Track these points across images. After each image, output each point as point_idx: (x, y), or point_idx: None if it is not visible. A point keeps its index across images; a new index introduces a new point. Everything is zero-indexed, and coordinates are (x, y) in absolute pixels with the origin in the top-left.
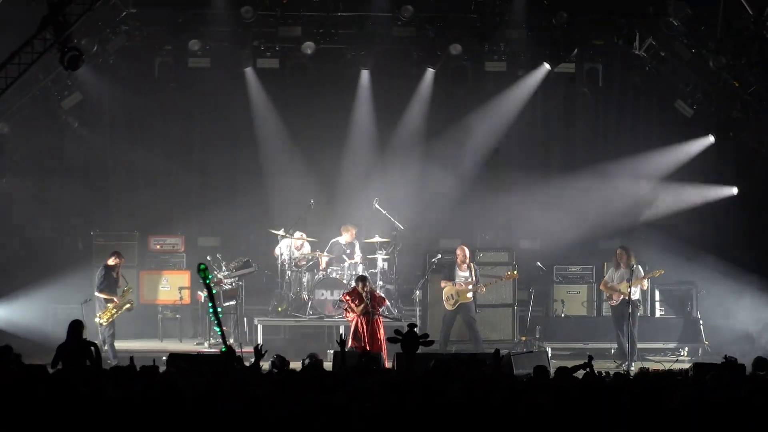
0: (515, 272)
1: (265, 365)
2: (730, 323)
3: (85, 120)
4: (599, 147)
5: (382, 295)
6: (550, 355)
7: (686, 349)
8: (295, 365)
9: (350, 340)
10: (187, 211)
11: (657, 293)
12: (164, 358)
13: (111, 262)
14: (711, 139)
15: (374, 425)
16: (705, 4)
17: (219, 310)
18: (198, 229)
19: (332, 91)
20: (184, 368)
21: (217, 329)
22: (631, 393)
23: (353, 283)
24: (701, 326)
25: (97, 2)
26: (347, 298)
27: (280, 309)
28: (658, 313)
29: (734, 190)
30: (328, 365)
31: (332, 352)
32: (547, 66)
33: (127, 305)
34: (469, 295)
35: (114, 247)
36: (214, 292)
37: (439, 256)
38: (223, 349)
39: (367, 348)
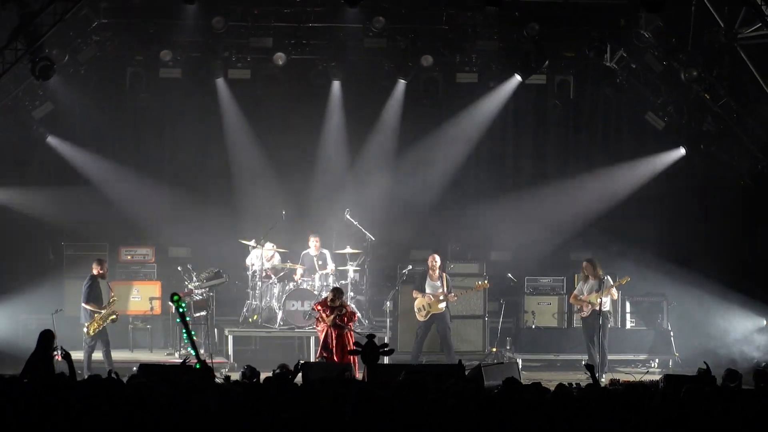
0: (486, 282)
1: (236, 376)
2: (700, 335)
3: (56, 130)
4: (570, 158)
5: (354, 309)
6: (520, 366)
7: (657, 360)
8: (266, 376)
9: (320, 350)
10: (158, 222)
11: (627, 305)
12: (135, 368)
13: (95, 271)
14: (682, 151)
15: None
16: (676, 17)
17: (193, 333)
18: (169, 239)
19: (303, 101)
20: (155, 379)
21: (192, 351)
22: (602, 405)
23: (324, 294)
24: (672, 338)
25: (68, 13)
26: (319, 307)
27: (250, 320)
28: (628, 325)
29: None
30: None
31: (302, 363)
32: (518, 77)
33: (112, 316)
34: (441, 305)
35: (85, 257)
36: (188, 319)
37: (410, 266)
38: (197, 366)
39: (336, 359)
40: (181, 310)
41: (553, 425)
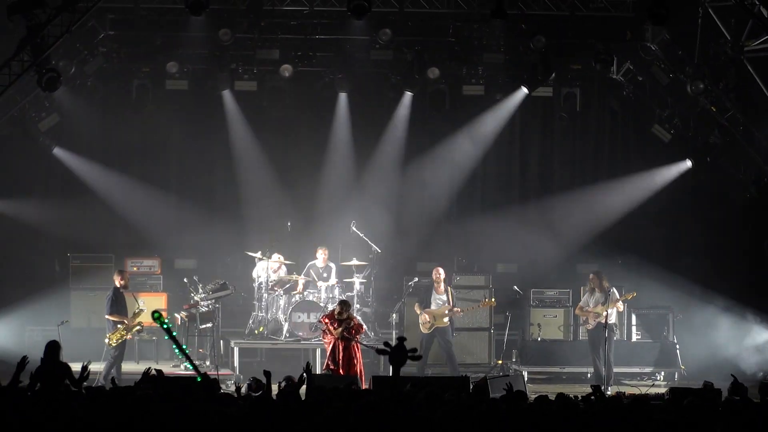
0: (492, 300)
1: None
2: (706, 348)
3: (63, 141)
4: (576, 171)
5: (361, 322)
6: (526, 378)
7: (662, 373)
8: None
9: (327, 362)
10: (164, 233)
11: (633, 317)
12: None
13: (117, 282)
14: (688, 163)
15: None
16: (683, 30)
17: (184, 347)
18: (175, 251)
19: (310, 113)
20: (160, 390)
21: (189, 366)
22: (606, 417)
23: (330, 306)
24: (677, 351)
25: (75, 24)
26: (326, 320)
27: (256, 331)
28: (634, 338)
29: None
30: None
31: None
32: (524, 90)
33: (137, 327)
34: (446, 319)
35: (91, 268)
36: (174, 334)
37: (416, 279)
38: (198, 380)
39: (342, 372)
40: (165, 326)
41: None
